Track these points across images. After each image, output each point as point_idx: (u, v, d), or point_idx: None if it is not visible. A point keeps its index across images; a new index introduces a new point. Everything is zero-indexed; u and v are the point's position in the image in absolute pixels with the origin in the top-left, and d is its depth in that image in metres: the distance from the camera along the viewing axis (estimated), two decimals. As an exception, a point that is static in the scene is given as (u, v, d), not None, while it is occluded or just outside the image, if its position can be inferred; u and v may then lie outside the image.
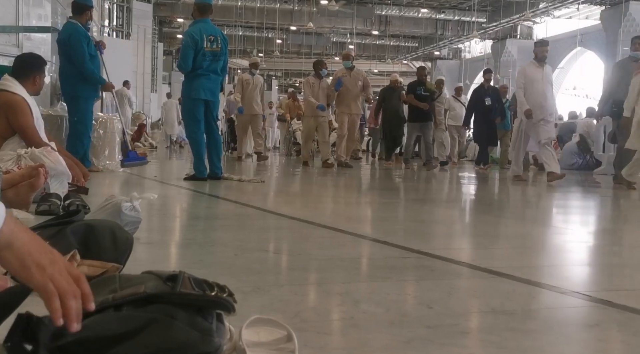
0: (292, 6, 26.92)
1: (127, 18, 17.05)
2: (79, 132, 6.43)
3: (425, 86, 10.54)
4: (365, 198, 5.61)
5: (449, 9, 27.34)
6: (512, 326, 1.46)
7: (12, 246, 0.94)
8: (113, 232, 1.71)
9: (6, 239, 0.94)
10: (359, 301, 1.65)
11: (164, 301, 1.03)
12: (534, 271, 2.30)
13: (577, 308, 1.69)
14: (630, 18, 19.31)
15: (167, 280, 1.05)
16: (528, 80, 7.74)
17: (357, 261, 2.35)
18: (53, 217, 1.83)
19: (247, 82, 10.88)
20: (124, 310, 1.01)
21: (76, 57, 6.31)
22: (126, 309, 1.01)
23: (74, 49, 6.31)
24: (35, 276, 0.94)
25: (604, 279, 2.20)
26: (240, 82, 11.01)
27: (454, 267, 2.24)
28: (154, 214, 3.51)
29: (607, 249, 3.03)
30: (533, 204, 5.62)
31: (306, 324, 1.40)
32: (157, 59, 24.21)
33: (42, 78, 4.46)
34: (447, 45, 31.10)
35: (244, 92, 10.84)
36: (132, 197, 2.40)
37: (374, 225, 3.66)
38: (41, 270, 0.94)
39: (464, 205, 5.31)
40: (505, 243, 3.10)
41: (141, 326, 0.99)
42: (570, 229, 3.80)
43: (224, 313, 1.10)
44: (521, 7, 23.03)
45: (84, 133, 6.49)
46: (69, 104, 6.52)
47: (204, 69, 6.01)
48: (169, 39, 31.59)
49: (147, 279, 1.06)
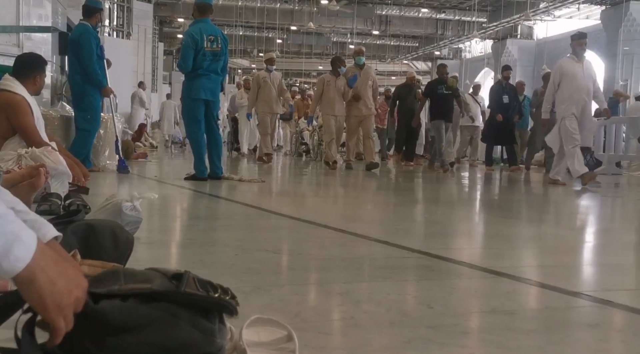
0: (292, 6, 26.91)
1: (128, 18, 17.04)
2: (90, 129, 6.53)
3: (447, 84, 9.96)
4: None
5: (449, 9, 27.32)
6: (513, 326, 1.46)
7: (34, 284, 0.92)
8: (114, 232, 1.71)
9: (29, 276, 0.92)
10: (359, 301, 1.65)
11: (169, 299, 1.03)
12: (534, 271, 2.30)
13: (578, 308, 1.69)
14: (631, 18, 19.31)
15: (172, 278, 1.05)
16: (567, 77, 7.02)
17: (358, 261, 2.35)
18: (53, 217, 1.84)
19: (263, 80, 10.24)
20: (130, 302, 1.01)
21: (83, 54, 6.39)
22: (132, 301, 1.01)
23: (82, 46, 6.41)
24: (50, 314, 0.94)
25: (605, 279, 2.20)
26: (257, 81, 10.33)
27: (455, 267, 2.24)
28: (155, 214, 3.51)
29: (607, 249, 3.03)
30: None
31: (307, 324, 1.40)
32: (157, 59, 24.20)
33: (43, 78, 4.47)
34: (448, 45, 31.08)
35: (260, 91, 10.22)
36: (132, 197, 2.41)
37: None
38: (57, 310, 0.94)
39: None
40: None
41: (146, 322, 0.99)
42: (571, 229, 3.80)
43: (226, 315, 1.10)
44: (521, 7, 23.02)
45: (93, 131, 6.58)
46: (79, 102, 6.59)
47: (204, 69, 6.01)
48: (169, 39, 31.58)
49: (152, 276, 1.06)
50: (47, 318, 0.94)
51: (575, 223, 4.25)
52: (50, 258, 0.95)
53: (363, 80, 9.24)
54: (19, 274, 0.91)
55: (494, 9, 25.86)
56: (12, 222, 0.92)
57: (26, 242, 0.92)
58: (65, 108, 7.13)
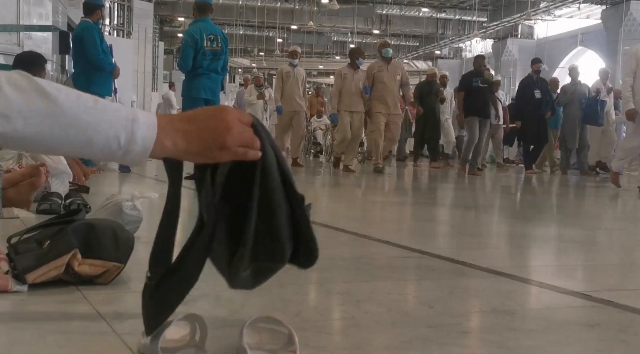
0: (292, 5, 26.90)
1: (128, 17, 17.04)
2: None
3: (483, 77, 9.25)
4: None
5: (449, 8, 27.31)
6: (513, 325, 1.46)
7: (177, 146, 0.97)
8: (114, 232, 1.71)
9: (169, 145, 0.96)
10: (360, 300, 1.65)
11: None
12: (534, 270, 2.30)
13: (578, 308, 1.69)
14: (631, 17, 19.29)
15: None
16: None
17: (359, 260, 2.35)
18: (54, 216, 1.83)
19: (287, 75, 9.45)
20: None
21: (88, 47, 6.37)
22: None
23: (86, 40, 6.39)
24: (221, 153, 0.98)
25: (605, 279, 2.20)
26: (280, 76, 9.58)
27: (456, 267, 2.24)
28: (155, 214, 3.49)
29: (607, 249, 3.03)
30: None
31: (307, 324, 1.40)
32: (157, 58, 24.18)
33: (43, 76, 4.47)
34: (448, 45, 31.07)
35: (284, 86, 9.42)
36: (133, 197, 2.41)
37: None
38: (223, 145, 0.97)
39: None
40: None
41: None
42: (571, 228, 3.80)
43: None
44: (522, 7, 23.01)
45: None
46: None
47: (204, 68, 6.02)
48: (169, 38, 31.57)
49: None
50: (225, 156, 0.98)
51: (577, 222, 4.25)
52: (175, 119, 0.98)
53: (390, 75, 8.50)
54: (158, 149, 0.94)
55: (495, 9, 25.85)
56: (119, 110, 0.93)
57: (143, 121, 0.94)
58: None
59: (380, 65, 8.62)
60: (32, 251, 1.61)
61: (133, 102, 16.58)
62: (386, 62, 8.63)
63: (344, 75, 8.59)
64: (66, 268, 1.60)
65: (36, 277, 1.57)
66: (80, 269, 1.62)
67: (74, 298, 1.54)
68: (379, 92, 8.44)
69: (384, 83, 8.43)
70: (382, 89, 8.43)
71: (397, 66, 8.76)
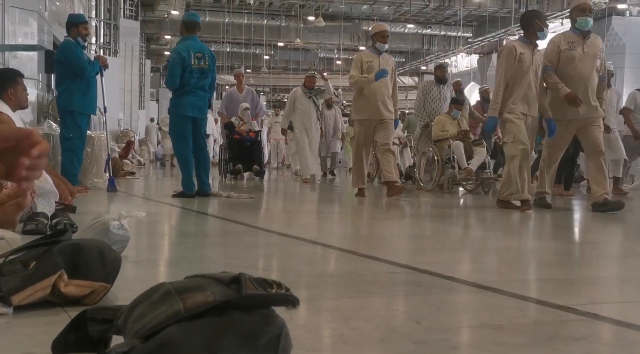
0: (279, 22, 27.06)
1: (115, 35, 17.05)
2: (75, 147, 6.46)
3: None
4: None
5: (435, 24, 27.61)
6: (501, 340, 1.47)
7: None
8: (101, 252, 1.70)
9: None
10: (348, 317, 1.65)
11: (235, 306, 1.01)
12: (521, 285, 2.31)
13: (565, 322, 1.70)
14: (613, 32, 19.58)
15: (230, 283, 1.03)
16: None
17: (347, 277, 2.35)
18: (40, 236, 1.82)
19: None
20: (204, 320, 1.00)
21: (69, 60, 6.35)
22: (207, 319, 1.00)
23: (65, 55, 6.37)
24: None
25: (591, 293, 2.21)
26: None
27: (443, 282, 2.24)
28: (143, 232, 3.49)
29: (593, 262, 3.05)
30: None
31: (296, 342, 1.39)
32: (144, 75, 24.20)
33: (19, 90, 4.37)
34: (434, 60, 31.30)
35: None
36: (120, 216, 2.40)
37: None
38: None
39: None
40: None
41: (214, 334, 0.99)
42: (558, 242, 3.82)
43: (288, 307, 1.08)
44: (506, 22, 23.30)
45: (80, 149, 6.53)
46: (64, 120, 6.55)
47: (192, 86, 6.03)
48: (156, 56, 31.60)
49: (206, 285, 1.04)
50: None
51: (564, 236, 4.27)
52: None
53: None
54: None
55: (479, 24, 26.16)
56: None
57: None
58: (52, 127, 7.10)
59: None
60: (17, 272, 1.60)
61: (120, 120, 16.57)
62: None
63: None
64: (52, 289, 1.59)
65: (22, 299, 1.56)
66: (67, 290, 1.61)
67: (61, 319, 1.53)
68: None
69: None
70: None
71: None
